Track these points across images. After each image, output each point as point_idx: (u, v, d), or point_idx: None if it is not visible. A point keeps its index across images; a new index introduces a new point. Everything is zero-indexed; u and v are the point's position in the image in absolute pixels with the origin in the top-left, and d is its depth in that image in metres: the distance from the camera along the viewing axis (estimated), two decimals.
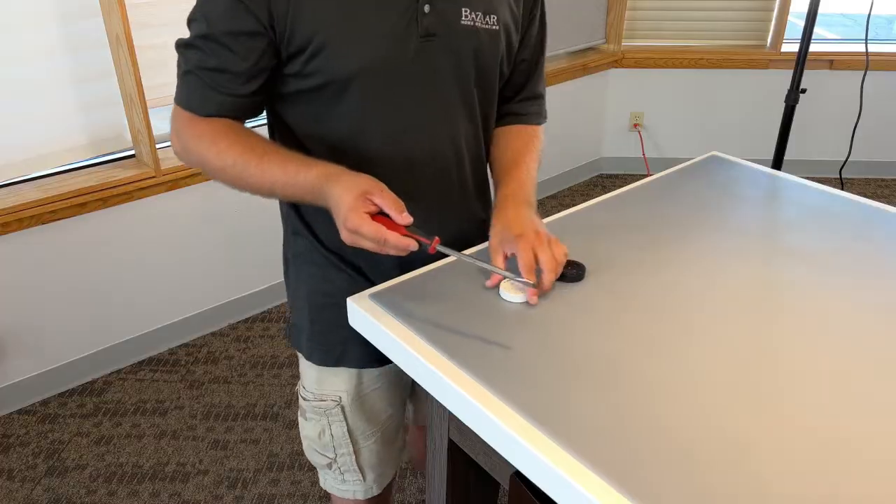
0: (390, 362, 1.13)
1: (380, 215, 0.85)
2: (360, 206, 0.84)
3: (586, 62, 3.27)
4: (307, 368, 1.15)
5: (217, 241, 2.35)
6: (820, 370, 0.83)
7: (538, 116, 1.17)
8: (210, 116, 0.94)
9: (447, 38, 0.95)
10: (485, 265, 0.91)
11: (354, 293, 1.03)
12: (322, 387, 1.14)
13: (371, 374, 1.13)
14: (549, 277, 0.93)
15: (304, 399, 1.17)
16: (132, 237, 2.18)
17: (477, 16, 0.97)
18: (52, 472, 1.90)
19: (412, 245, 0.85)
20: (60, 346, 2.16)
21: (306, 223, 1.07)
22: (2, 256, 1.96)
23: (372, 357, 1.10)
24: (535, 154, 1.12)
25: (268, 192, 0.94)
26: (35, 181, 2.03)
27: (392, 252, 0.85)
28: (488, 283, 0.97)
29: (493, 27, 0.99)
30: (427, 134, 1.00)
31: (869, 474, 0.68)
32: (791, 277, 1.01)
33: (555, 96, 3.25)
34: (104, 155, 2.12)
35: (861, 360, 0.84)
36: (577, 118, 3.43)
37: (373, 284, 1.02)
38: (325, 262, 1.07)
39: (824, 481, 0.68)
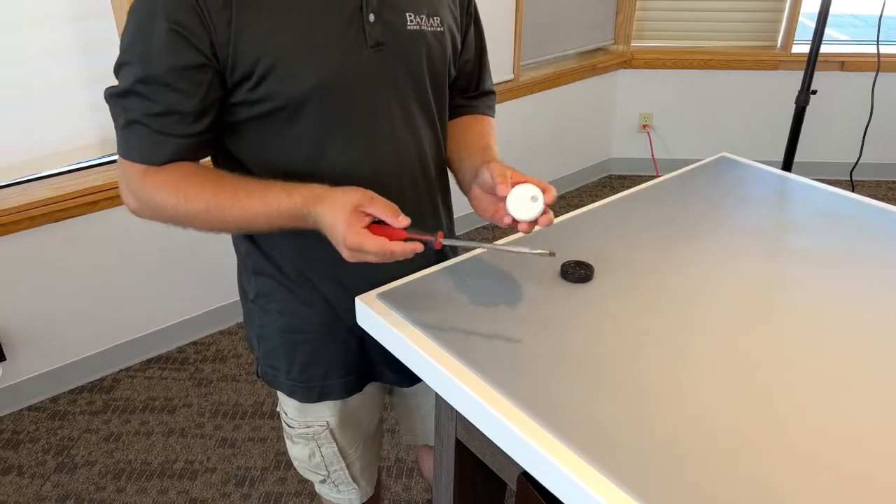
0: (370, 381, 1.13)
1: (376, 223, 0.84)
2: (355, 223, 0.82)
3: (595, 63, 3.26)
4: (288, 400, 1.12)
5: (226, 240, 2.36)
6: (829, 372, 0.82)
7: (490, 110, 1.16)
8: (164, 164, 0.88)
9: (397, 46, 0.92)
10: (496, 246, 0.90)
11: (328, 326, 1.03)
12: (306, 416, 1.12)
13: (355, 396, 1.12)
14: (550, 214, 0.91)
15: (289, 426, 1.14)
16: (141, 235, 2.19)
17: (422, 18, 0.95)
18: (62, 468, 1.92)
19: (418, 248, 0.84)
20: (70, 343, 2.17)
21: (270, 260, 1.02)
22: (13, 254, 1.98)
23: (353, 385, 1.10)
24: (490, 136, 1.10)
25: (248, 228, 0.90)
26: (46, 180, 2.04)
27: (400, 259, 0.84)
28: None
29: (439, 28, 0.97)
30: (391, 147, 0.96)
31: (875, 476, 0.68)
32: (801, 279, 1.01)
33: (564, 97, 3.25)
34: (114, 154, 2.14)
35: (870, 363, 0.84)
36: (585, 119, 3.43)
37: (345, 314, 1.02)
38: (293, 298, 1.03)
39: (831, 484, 0.67)
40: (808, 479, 0.68)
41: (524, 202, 0.86)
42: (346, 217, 0.82)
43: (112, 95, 0.87)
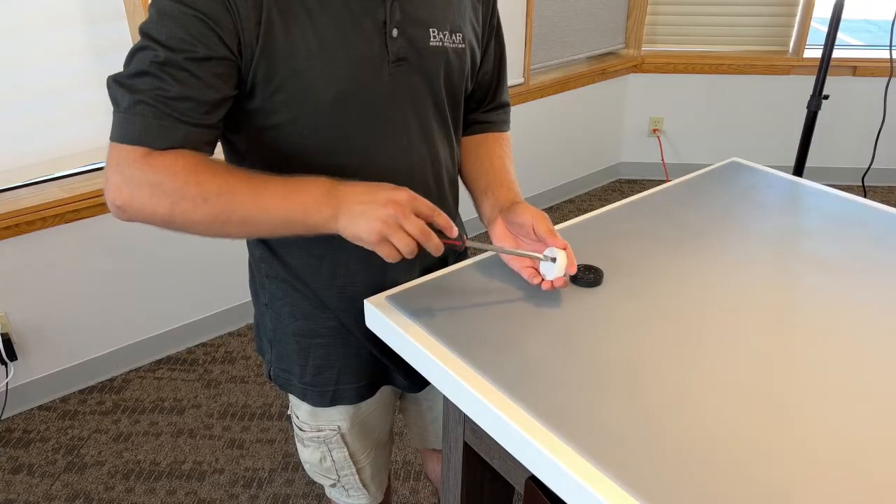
0: (384, 384, 1.12)
1: None
2: (411, 197, 0.81)
3: (606, 67, 3.26)
4: (300, 403, 1.11)
5: (236, 242, 2.37)
6: (840, 379, 0.82)
7: (505, 124, 1.15)
8: (169, 150, 0.81)
9: (418, 61, 0.92)
10: (511, 251, 0.95)
11: (341, 331, 1.03)
12: (318, 420, 1.12)
13: (367, 400, 1.12)
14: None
15: (301, 429, 1.14)
16: (153, 237, 2.20)
17: (444, 35, 0.94)
18: (72, 467, 1.93)
19: (442, 248, 0.84)
20: (81, 343, 2.19)
21: (285, 265, 1.01)
22: (26, 254, 1.99)
23: (366, 389, 1.09)
24: (512, 162, 1.11)
25: (259, 221, 0.83)
26: (59, 181, 2.06)
27: (431, 249, 0.82)
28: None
29: (460, 45, 0.97)
30: (408, 160, 0.96)
31: (888, 485, 0.68)
32: (812, 285, 1.00)
33: (574, 101, 3.24)
34: None
35: (882, 370, 0.83)
36: (596, 123, 3.42)
37: (353, 325, 1.02)
38: (307, 303, 1.02)
39: (842, 491, 0.67)
40: (819, 485, 0.67)
41: (546, 262, 0.95)
42: (397, 190, 0.81)
43: (117, 79, 0.82)
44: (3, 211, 1.90)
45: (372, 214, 0.80)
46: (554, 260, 0.93)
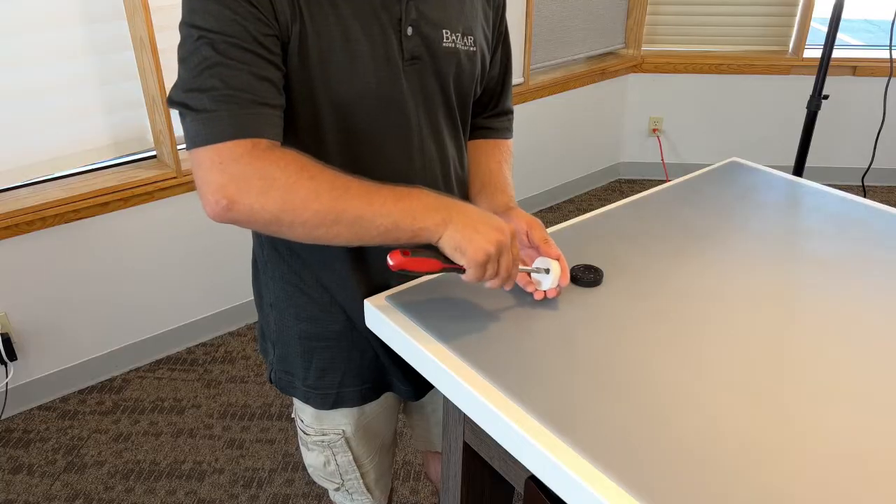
0: (387, 391, 1.12)
1: (414, 256, 0.84)
2: (515, 234, 0.87)
3: (605, 67, 3.26)
4: (304, 406, 1.11)
5: (235, 242, 2.37)
6: (841, 379, 0.82)
7: (507, 132, 1.16)
8: (263, 139, 0.79)
9: (431, 62, 0.93)
10: (532, 269, 0.96)
11: (346, 333, 1.03)
12: (322, 423, 1.11)
13: (371, 404, 1.11)
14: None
15: (305, 433, 1.14)
16: (153, 237, 2.20)
17: (457, 37, 0.95)
18: (71, 468, 1.93)
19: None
20: (80, 343, 2.19)
21: (291, 266, 1.01)
22: (26, 254, 1.99)
23: (370, 392, 1.09)
24: (510, 168, 1.12)
25: (370, 222, 0.80)
26: (59, 181, 2.06)
27: (503, 286, 0.88)
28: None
29: (471, 48, 0.97)
30: (420, 160, 0.97)
31: (888, 487, 0.68)
32: (812, 285, 1.00)
33: (574, 101, 3.24)
34: (127, 155, 2.15)
35: (883, 369, 0.83)
36: (595, 123, 3.42)
37: (362, 324, 1.02)
38: (313, 305, 1.02)
39: (844, 491, 0.67)
40: (820, 486, 0.67)
41: (540, 273, 0.96)
42: (507, 223, 0.86)
43: (181, 87, 0.79)
44: (3, 211, 1.90)
45: (489, 236, 0.83)
46: (547, 271, 0.94)
